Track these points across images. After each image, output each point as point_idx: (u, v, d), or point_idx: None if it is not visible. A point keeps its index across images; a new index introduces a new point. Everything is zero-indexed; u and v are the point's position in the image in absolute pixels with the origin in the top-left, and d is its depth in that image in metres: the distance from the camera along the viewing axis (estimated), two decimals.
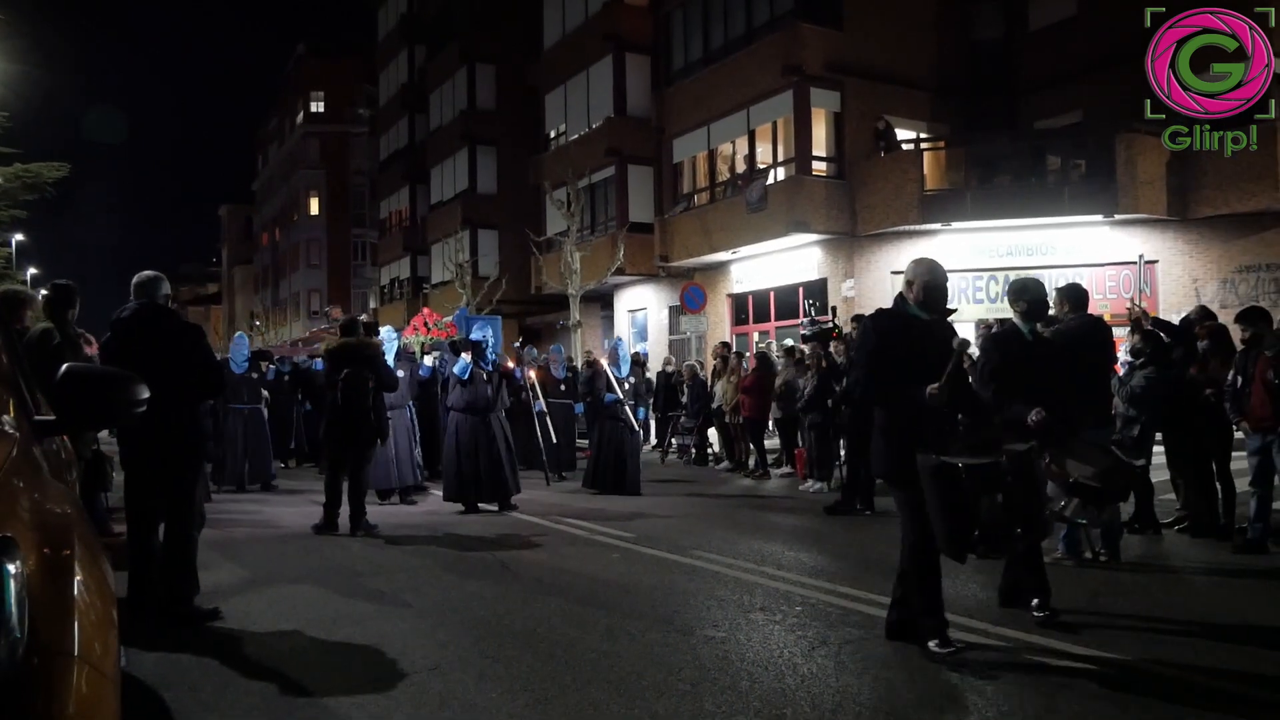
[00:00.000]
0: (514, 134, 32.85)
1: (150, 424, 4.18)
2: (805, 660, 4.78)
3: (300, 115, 61.37)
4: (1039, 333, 5.94)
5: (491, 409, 10.50)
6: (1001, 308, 19.57)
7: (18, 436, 2.32)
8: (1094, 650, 4.88)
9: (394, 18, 42.76)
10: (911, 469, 4.72)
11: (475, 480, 10.32)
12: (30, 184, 23.74)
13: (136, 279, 5.81)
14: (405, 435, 11.25)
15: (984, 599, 6.10)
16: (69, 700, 1.63)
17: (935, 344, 4.92)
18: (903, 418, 4.87)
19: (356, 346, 9.26)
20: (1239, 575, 6.91)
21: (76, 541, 1.97)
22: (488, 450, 10.33)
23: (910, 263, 5.17)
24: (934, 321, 5.06)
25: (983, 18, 22.91)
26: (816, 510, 10.28)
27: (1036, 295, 5.80)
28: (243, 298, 76.20)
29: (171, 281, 6.25)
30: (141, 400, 2.77)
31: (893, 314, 5.13)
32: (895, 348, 4.90)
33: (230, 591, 6.48)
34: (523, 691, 4.34)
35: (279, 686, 4.49)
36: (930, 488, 4.65)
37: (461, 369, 10.45)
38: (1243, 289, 18.17)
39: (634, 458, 12.18)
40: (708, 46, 23.56)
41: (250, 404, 12.92)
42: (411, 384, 11.92)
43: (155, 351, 5.48)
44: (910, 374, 4.77)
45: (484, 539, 8.59)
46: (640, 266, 25.56)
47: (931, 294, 5.00)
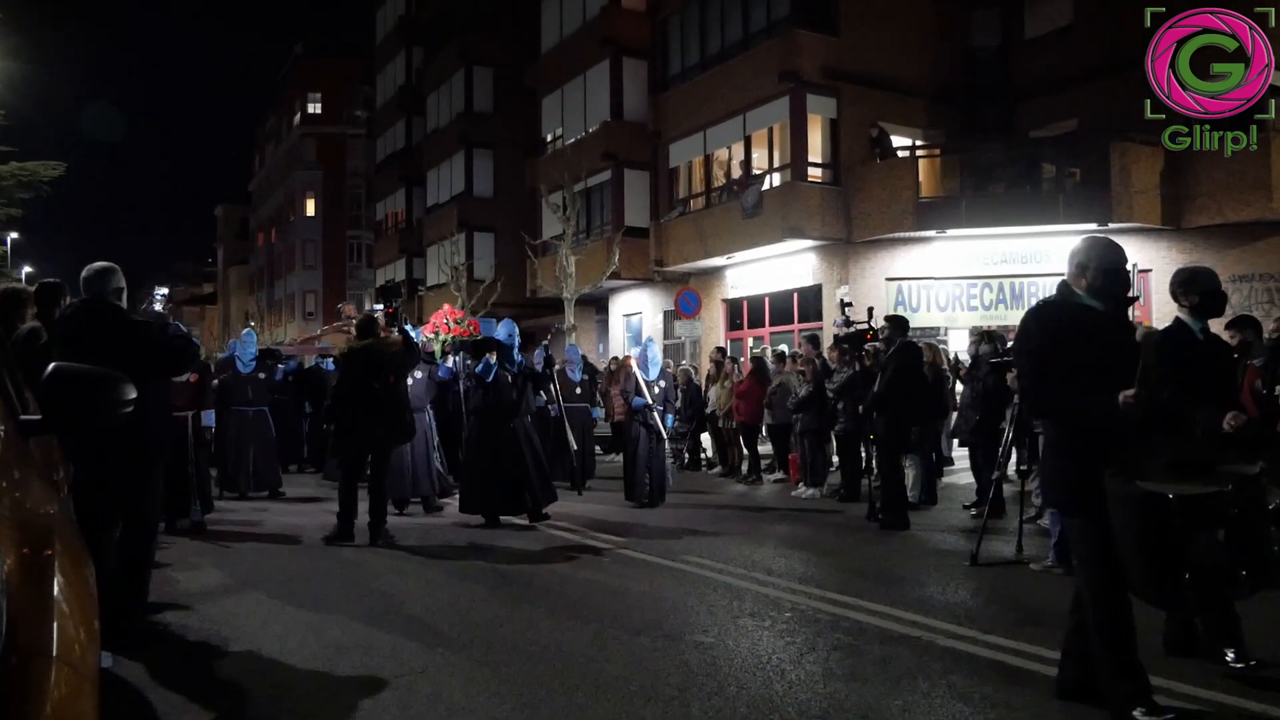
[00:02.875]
0: (511, 137, 32.86)
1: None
2: (793, 666, 4.78)
3: (297, 116, 61.37)
4: (1209, 330, 5.17)
5: (516, 413, 9.84)
6: (995, 315, 19.65)
7: (2, 435, 2.32)
8: None
9: (392, 19, 42.79)
10: (1096, 496, 3.86)
11: (496, 490, 9.60)
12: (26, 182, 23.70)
13: (84, 272, 5.47)
14: (423, 441, 10.64)
15: (970, 604, 6.09)
16: (46, 701, 1.62)
17: (1116, 340, 4.13)
18: (1084, 433, 4.06)
19: (376, 347, 8.93)
20: None
21: (58, 542, 1.97)
22: (511, 457, 9.58)
23: (1081, 242, 4.25)
24: (1112, 313, 4.21)
25: (979, 25, 22.97)
26: (808, 516, 10.30)
27: (1209, 286, 4.97)
28: (238, 298, 76.04)
29: (167, 281, 6.11)
30: (129, 400, 2.77)
31: (1060, 305, 4.22)
32: (1066, 346, 4.06)
33: (218, 593, 6.48)
34: (510, 695, 4.34)
35: (267, 687, 4.49)
36: (1128, 522, 3.78)
37: (484, 369, 9.85)
38: (1236, 299, 18.18)
39: (660, 465, 11.51)
40: (704, 52, 23.58)
41: (256, 405, 12.21)
42: (430, 386, 11.32)
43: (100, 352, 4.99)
44: (1087, 378, 3.99)
45: (475, 545, 8.59)
46: (635, 271, 25.57)
47: (1109, 279, 4.12)
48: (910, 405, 9.85)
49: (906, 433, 10.10)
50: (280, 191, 65.28)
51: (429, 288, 36.24)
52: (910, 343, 10.25)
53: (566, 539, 8.90)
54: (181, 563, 7.56)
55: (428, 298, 34.70)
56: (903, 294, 19.99)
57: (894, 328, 10.21)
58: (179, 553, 7.97)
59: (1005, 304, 20.05)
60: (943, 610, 5.92)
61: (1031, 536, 7.98)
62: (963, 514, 10.11)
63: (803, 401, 12.06)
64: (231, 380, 12.12)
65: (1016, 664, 4.82)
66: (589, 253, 25.53)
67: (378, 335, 9.15)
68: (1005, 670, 4.74)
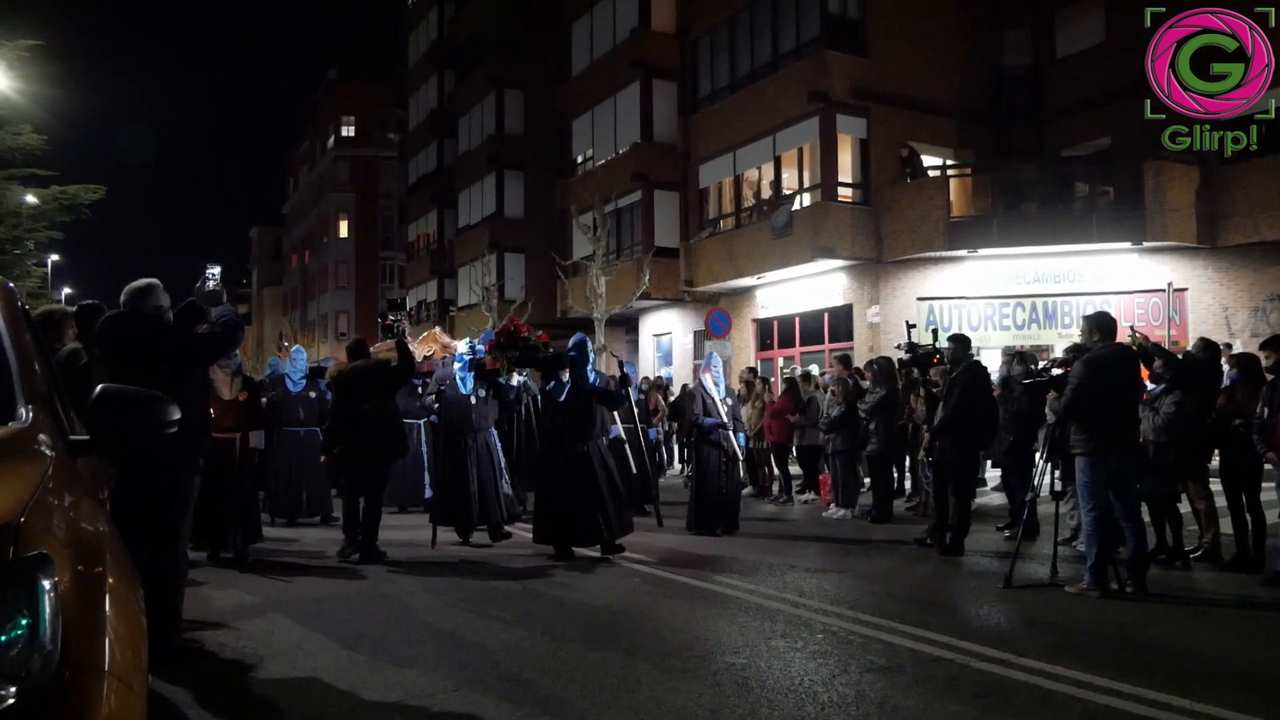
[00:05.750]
0: (541, 159, 33.13)
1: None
2: (825, 689, 4.76)
3: (331, 139, 62.24)
4: None
5: (588, 436, 9.06)
6: (1028, 334, 19.51)
7: (53, 456, 2.38)
8: (1116, 683, 4.82)
9: (425, 43, 43.35)
10: None
11: (567, 520, 8.89)
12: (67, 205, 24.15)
13: (126, 290, 5.41)
14: (489, 465, 9.99)
15: (1005, 627, 6.05)
16: (98, 714, 1.67)
17: None
18: None
19: (364, 368, 9.11)
20: (1268, 608, 6.82)
21: (109, 560, 2.02)
22: (583, 484, 8.83)
23: None
24: None
25: (1010, 45, 22.93)
26: (840, 538, 10.23)
27: None
28: (272, 319, 76.98)
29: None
30: (173, 421, 2.84)
31: None
32: None
33: (253, 612, 6.55)
34: (542, 715, 4.35)
35: (301, 704, 4.53)
36: None
37: (555, 388, 9.14)
38: (1274, 317, 17.96)
39: (735, 491, 10.83)
40: (734, 73, 23.70)
41: (308, 426, 11.48)
42: (493, 407, 10.52)
43: (139, 361, 5.11)
44: None
45: (508, 567, 8.59)
46: (665, 291, 25.64)
47: None
48: (982, 428, 9.32)
49: (977, 457, 9.63)
50: (314, 213, 66.13)
51: (460, 308, 36.51)
52: (978, 362, 9.68)
53: (595, 559, 8.83)
54: (217, 581, 7.65)
55: (459, 318, 34.94)
56: (934, 314, 19.92)
57: (960, 346, 9.50)
58: (214, 571, 8.07)
59: (1038, 324, 19.92)
60: (977, 633, 5.88)
61: (1066, 559, 7.90)
62: (996, 536, 10.02)
63: (834, 422, 12.01)
64: (281, 399, 11.56)
65: (1051, 687, 4.77)
66: (619, 273, 25.64)
67: (367, 356, 9.34)
68: (1040, 694, 4.69)
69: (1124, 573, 7.10)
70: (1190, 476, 8.45)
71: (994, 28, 22.78)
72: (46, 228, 25.55)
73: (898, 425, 11.95)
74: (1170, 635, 5.95)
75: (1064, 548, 8.21)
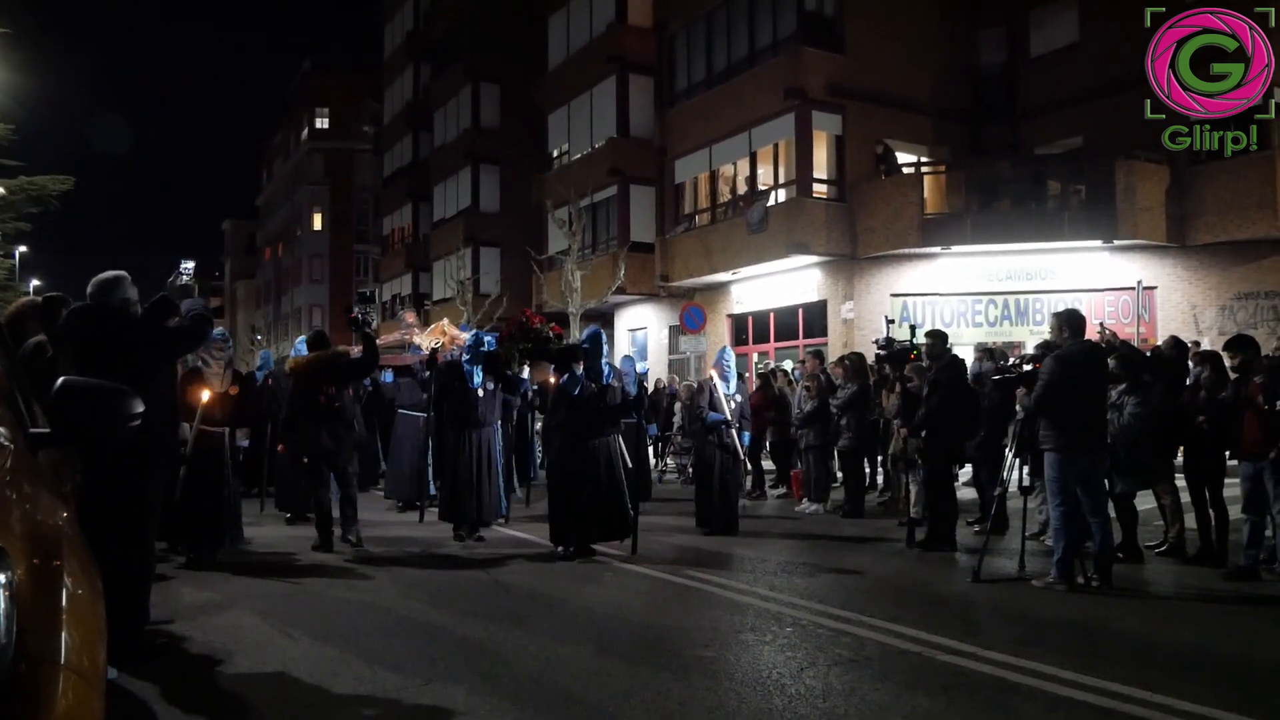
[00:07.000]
0: (517, 153, 33.05)
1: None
2: (793, 681, 4.80)
3: (305, 131, 61.75)
4: None
5: (600, 432, 8.77)
6: (1000, 331, 19.66)
7: (12, 449, 2.36)
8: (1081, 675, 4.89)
9: (400, 36, 43.10)
10: None
11: (582, 518, 8.59)
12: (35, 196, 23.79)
13: (93, 281, 5.31)
14: (487, 462, 9.69)
15: (972, 620, 6.10)
16: (54, 708, 1.66)
17: None
18: None
19: (320, 360, 9.13)
20: (1230, 601, 6.92)
21: (67, 552, 2.01)
22: (601, 479, 8.64)
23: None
24: None
25: (985, 43, 23.10)
26: (811, 532, 10.29)
27: None
28: (245, 312, 76.35)
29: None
30: (136, 414, 2.81)
31: None
32: None
33: (223, 607, 6.51)
34: (511, 708, 4.36)
35: (270, 699, 4.52)
36: None
37: (569, 381, 8.80)
38: (1241, 316, 18.22)
39: (736, 490, 10.53)
40: (711, 69, 23.73)
41: None
42: (498, 400, 10.29)
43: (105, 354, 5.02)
44: None
45: (479, 559, 8.60)
46: (641, 286, 25.67)
47: None
48: (963, 421, 9.33)
49: (961, 450, 9.64)
50: (287, 206, 65.60)
51: (435, 302, 36.37)
52: (957, 356, 9.70)
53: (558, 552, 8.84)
54: (185, 577, 7.59)
55: (434, 312, 34.80)
56: (908, 310, 20.04)
57: (938, 342, 9.59)
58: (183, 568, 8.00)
59: (1010, 320, 20.09)
60: (944, 626, 5.93)
61: (1034, 554, 7.99)
62: (965, 530, 10.10)
63: (807, 417, 12.06)
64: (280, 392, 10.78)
65: (1016, 680, 4.82)
66: (594, 268, 25.62)
67: (325, 348, 9.38)
68: (1005, 685, 4.74)
69: (1090, 567, 7.19)
70: (1156, 473, 8.56)
71: (969, 25, 22.93)
72: (13, 219, 25.18)
73: (869, 421, 12.03)
74: (1134, 629, 6.03)
75: (1032, 542, 8.32)
